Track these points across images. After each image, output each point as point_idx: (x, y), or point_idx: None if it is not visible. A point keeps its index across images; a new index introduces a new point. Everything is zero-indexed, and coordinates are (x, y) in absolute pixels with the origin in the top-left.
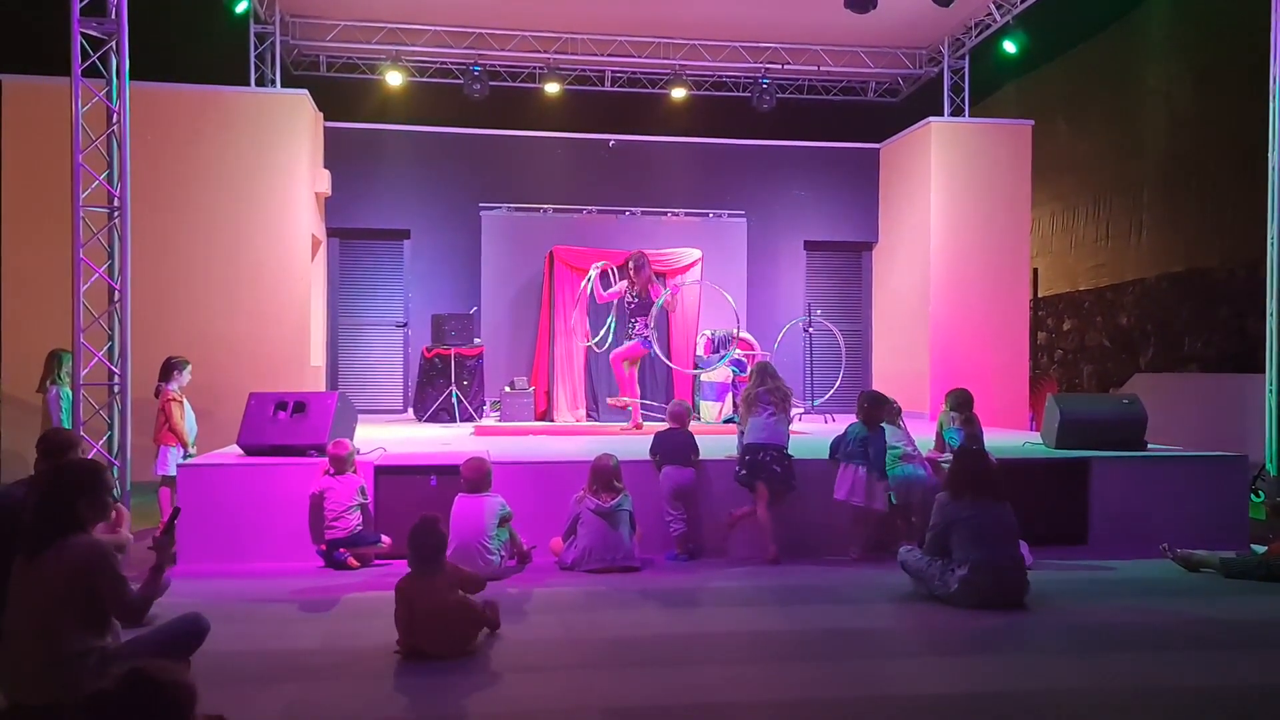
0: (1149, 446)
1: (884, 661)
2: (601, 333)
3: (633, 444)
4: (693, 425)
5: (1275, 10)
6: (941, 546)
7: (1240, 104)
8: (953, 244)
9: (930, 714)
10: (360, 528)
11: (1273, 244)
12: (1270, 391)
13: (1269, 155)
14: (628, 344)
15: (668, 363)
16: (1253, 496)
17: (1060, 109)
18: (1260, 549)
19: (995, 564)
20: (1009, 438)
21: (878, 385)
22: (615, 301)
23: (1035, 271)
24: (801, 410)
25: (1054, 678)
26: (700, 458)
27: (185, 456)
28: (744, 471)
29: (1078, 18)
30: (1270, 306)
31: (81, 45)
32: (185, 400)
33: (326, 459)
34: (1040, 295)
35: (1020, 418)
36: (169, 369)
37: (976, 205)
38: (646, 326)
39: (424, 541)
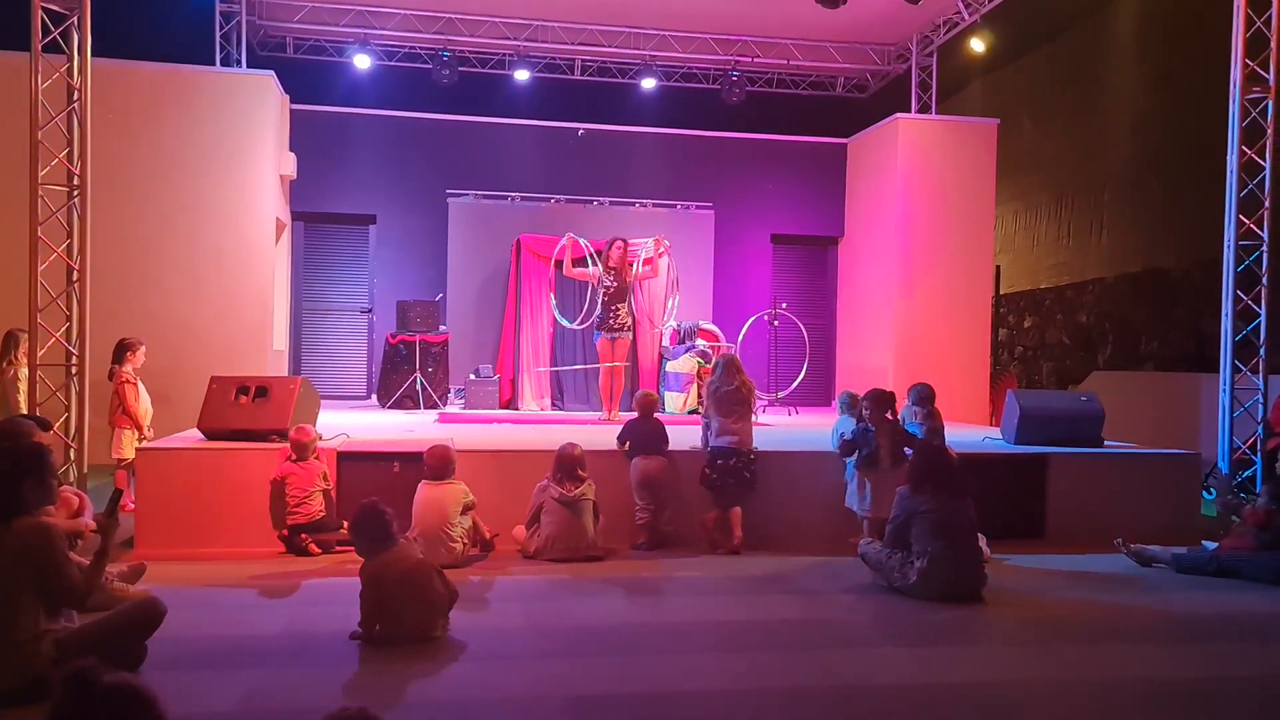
0: (1106, 443)
1: (843, 651)
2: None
3: (598, 433)
4: (658, 415)
5: (1236, 13)
6: (901, 539)
7: (1201, 106)
8: (918, 240)
9: (888, 704)
10: (323, 514)
11: (1229, 245)
12: (1224, 390)
13: (1228, 158)
14: (607, 337)
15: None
16: (1205, 494)
17: (1025, 108)
18: (1212, 545)
19: (954, 557)
20: (969, 432)
21: (842, 379)
22: (589, 285)
23: (998, 269)
24: (765, 402)
25: (1009, 669)
26: (669, 447)
27: (140, 440)
28: (714, 475)
29: (1044, 17)
30: (1226, 307)
31: (42, 20)
32: (140, 382)
33: (288, 444)
34: (1002, 292)
35: (981, 413)
36: (122, 350)
37: (942, 202)
38: (627, 314)
39: (369, 526)
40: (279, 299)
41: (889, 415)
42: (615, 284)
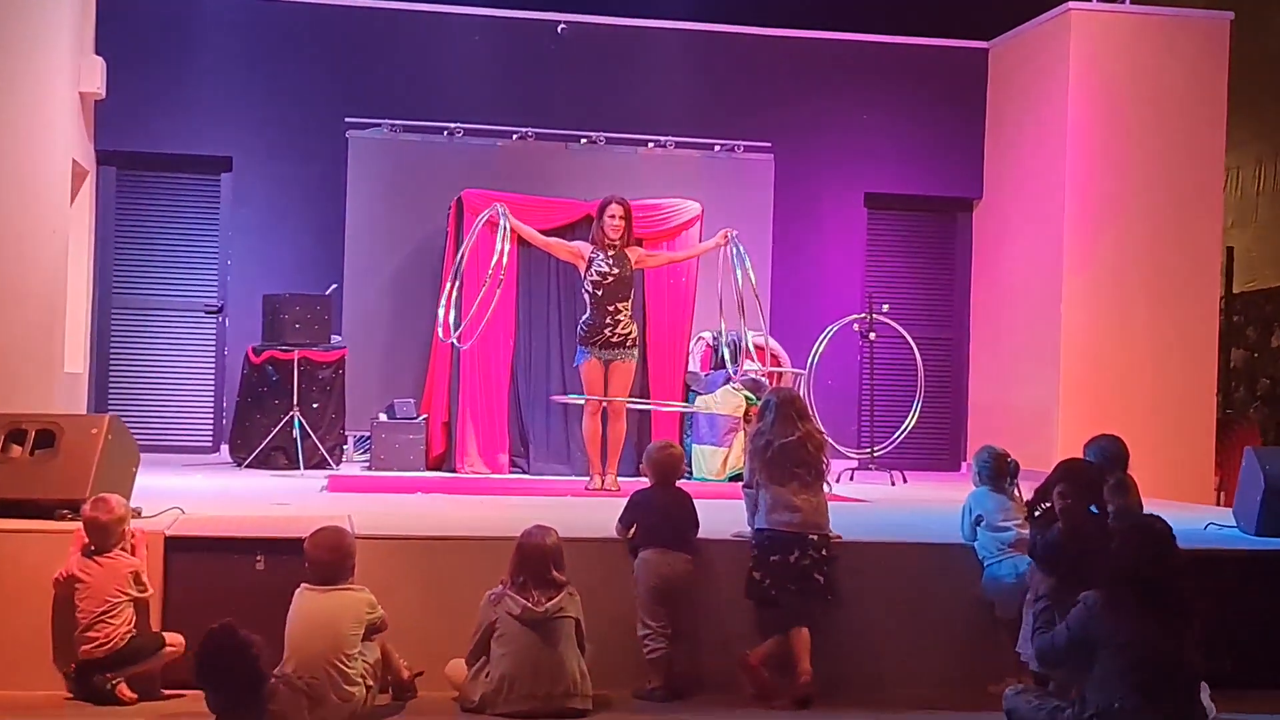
0: None
1: None
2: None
3: (584, 511)
4: (682, 483)
5: None
6: (1072, 678)
7: None
8: (1100, 205)
9: None
10: (131, 636)
11: None
12: None
13: None
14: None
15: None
16: None
17: None
18: None
19: (1157, 716)
20: (1185, 515)
21: (978, 427)
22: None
23: (1230, 252)
24: (853, 464)
25: None
26: (700, 535)
27: None
28: (764, 579)
29: None
30: None
31: None
32: None
33: (82, 525)
34: (1236, 290)
35: (1202, 484)
36: None
37: (1139, 143)
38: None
39: (224, 672)
40: (75, 290)
41: (1093, 506)
42: (614, 271)
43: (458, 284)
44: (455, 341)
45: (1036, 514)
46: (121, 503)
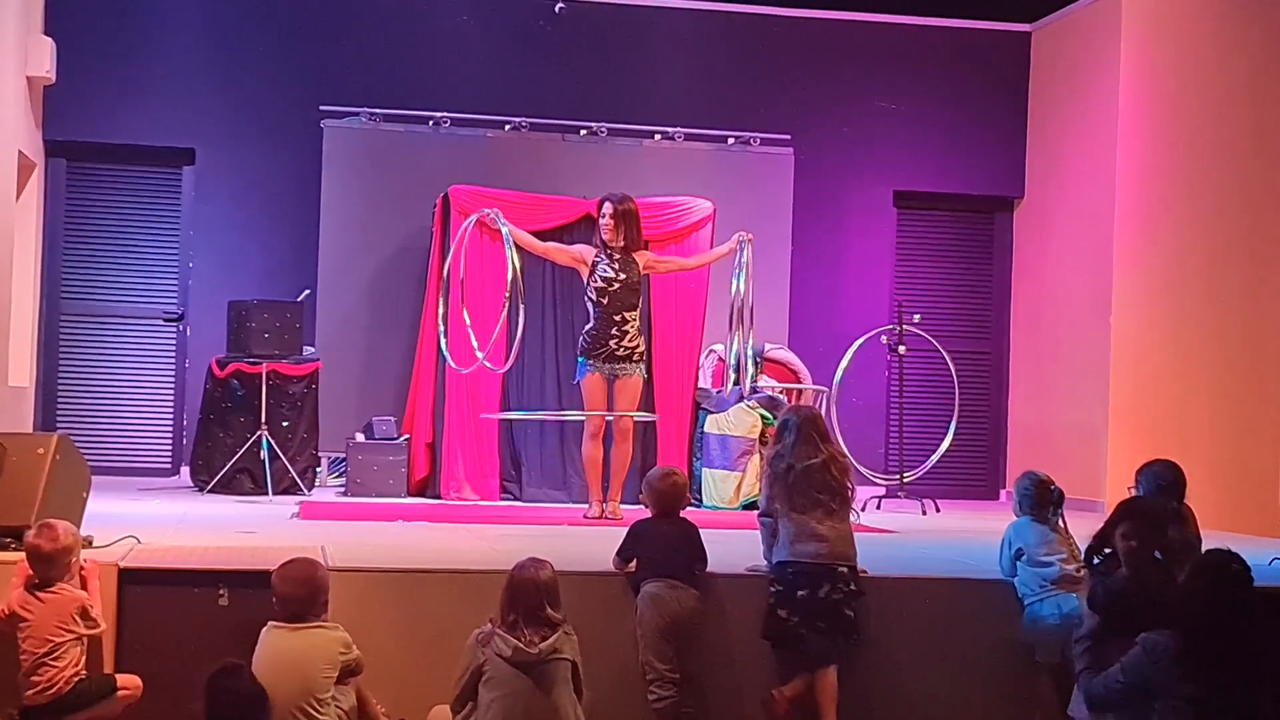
0: None
1: None
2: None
3: (582, 542)
4: (689, 510)
5: None
6: None
7: None
8: (1155, 204)
9: None
10: (80, 679)
11: None
12: None
13: None
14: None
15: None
16: None
17: None
18: None
19: None
20: (1246, 548)
21: (1019, 451)
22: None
23: None
24: (880, 491)
25: None
26: (708, 569)
27: None
28: (791, 617)
29: None
30: None
31: None
32: None
33: (25, 555)
34: None
35: (1266, 514)
36: None
37: (1198, 136)
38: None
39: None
40: (20, 295)
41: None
42: (620, 276)
43: (447, 298)
44: (487, 365)
45: (1097, 562)
46: (70, 530)
